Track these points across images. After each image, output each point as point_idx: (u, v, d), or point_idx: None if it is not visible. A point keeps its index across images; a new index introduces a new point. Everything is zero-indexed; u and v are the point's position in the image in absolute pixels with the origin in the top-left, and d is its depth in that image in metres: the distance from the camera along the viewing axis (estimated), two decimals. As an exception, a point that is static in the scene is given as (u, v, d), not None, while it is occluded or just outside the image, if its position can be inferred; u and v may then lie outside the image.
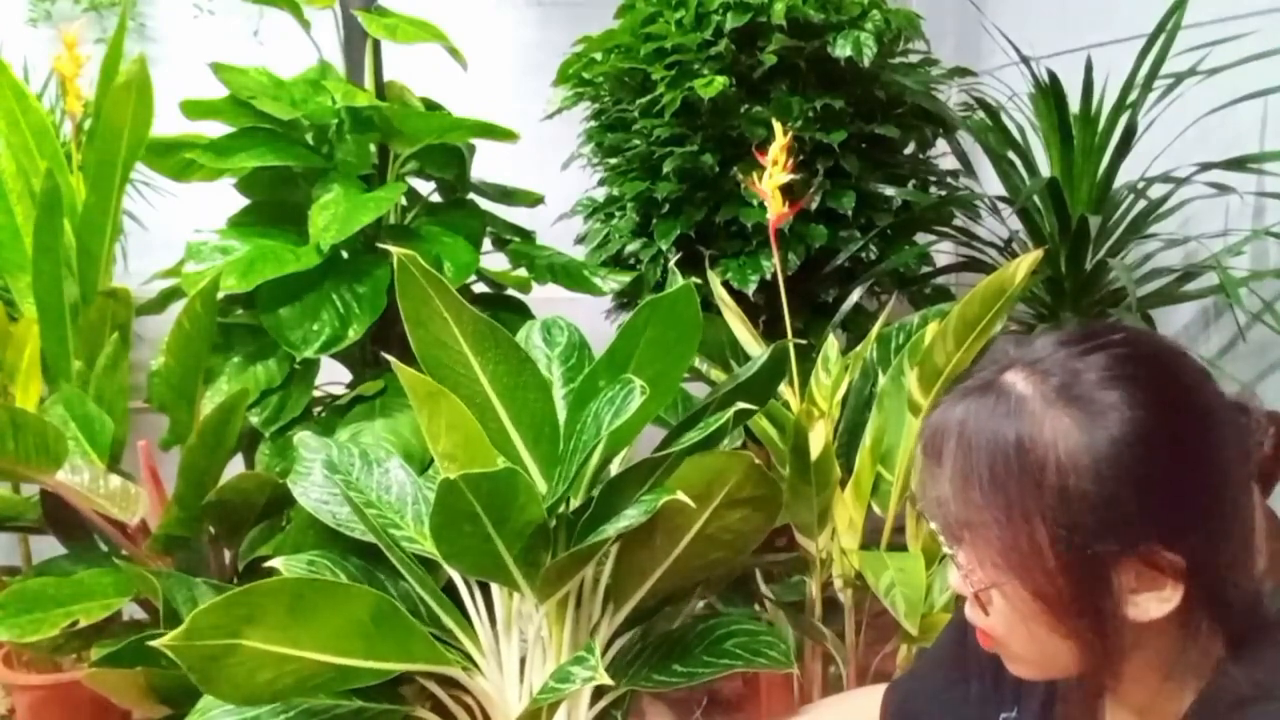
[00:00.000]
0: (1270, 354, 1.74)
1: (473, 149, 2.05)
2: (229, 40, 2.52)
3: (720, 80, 1.86)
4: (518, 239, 2.07)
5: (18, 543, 2.04)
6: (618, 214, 2.18)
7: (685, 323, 1.33)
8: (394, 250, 1.30)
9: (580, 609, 1.38)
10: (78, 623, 1.53)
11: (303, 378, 1.81)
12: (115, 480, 1.64)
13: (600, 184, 2.26)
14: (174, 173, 1.92)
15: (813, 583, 1.55)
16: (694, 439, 1.27)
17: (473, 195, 2.05)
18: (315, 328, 1.73)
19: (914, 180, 2.09)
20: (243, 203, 1.92)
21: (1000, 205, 1.96)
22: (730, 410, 1.26)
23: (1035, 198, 1.87)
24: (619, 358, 1.36)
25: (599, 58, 2.09)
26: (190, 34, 2.60)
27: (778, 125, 1.50)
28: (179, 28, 2.63)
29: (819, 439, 1.38)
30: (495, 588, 1.41)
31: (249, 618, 1.11)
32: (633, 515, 1.20)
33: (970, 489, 0.70)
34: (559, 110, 2.19)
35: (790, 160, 1.49)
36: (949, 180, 2.18)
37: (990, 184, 2.06)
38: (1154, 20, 1.73)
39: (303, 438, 1.55)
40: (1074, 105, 1.84)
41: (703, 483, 1.25)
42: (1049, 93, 1.82)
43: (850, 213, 1.95)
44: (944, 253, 2.31)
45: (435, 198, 2.07)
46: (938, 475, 0.72)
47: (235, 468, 1.69)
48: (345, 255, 1.86)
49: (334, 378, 1.98)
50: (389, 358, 1.35)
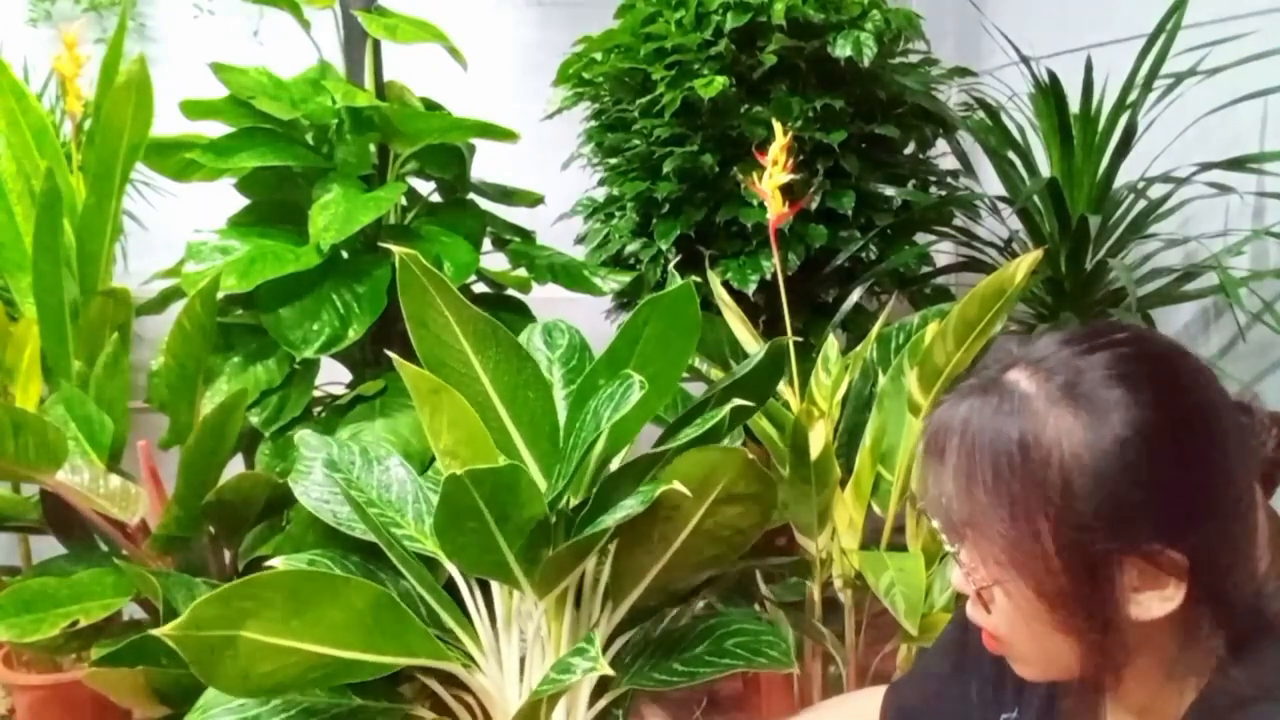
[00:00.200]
0: (1270, 354, 1.74)
1: (473, 149, 2.05)
2: (229, 40, 2.52)
3: (720, 80, 1.86)
4: (518, 239, 2.07)
5: (18, 543, 2.04)
6: (618, 214, 2.18)
7: (685, 321, 1.33)
8: (396, 249, 1.31)
9: (580, 608, 1.38)
10: (78, 623, 1.53)
11: (303, 378, 1.82)
12: (115, 480, 1.64)
13: (600, 184, 2.26)
14: (174, 173, 1.92)
15: (813, 583, 1.55)
16: (691, 434, 1.27)
17: (473, 195, 2.05)
18: (315, 328, 1.73)
19: (914, 180, 2.09)
20: (243, 203, 1.92)
21: (1000, 205, 1.96)
22: (727, 406, 1.26)
23: (1035, 198, 1.88)
24: (619, 357, 1.36)
25: (599, 58, 2.09)
26: (190, 34, 2.60)
27: (778, 125, 1.50)
28: (179, 28, 2.63)
29: (819, 439, 1.38)
30: (495, 586, 1.42)
31: (249, 610, 1.12)
32: (630, 505, 1.20)
33: (974, 487, 0.70)
34: (559, 110, 2.19)
35: (790, 160, 1.49)
36: (949, 180, 2.18)
37: (990, 184, 2.06)
38: (1154, 20, 1.73)
39: (303, 436, 1.55)
40: (1074, 105, 1.84)
41: (699, 478, 1.25)
42: (1049, 93, 1.82)
43: (850, 213, 1.95)
44: (944, 253, 2.31)
45: (435, 198, 2.07)
46: (940, 474, 0.72)
47: (235, 468, 1.69)
48: (345, 255, 1.86)
49: (334, 378, 1.98)
50: (391, 355, 1.35)
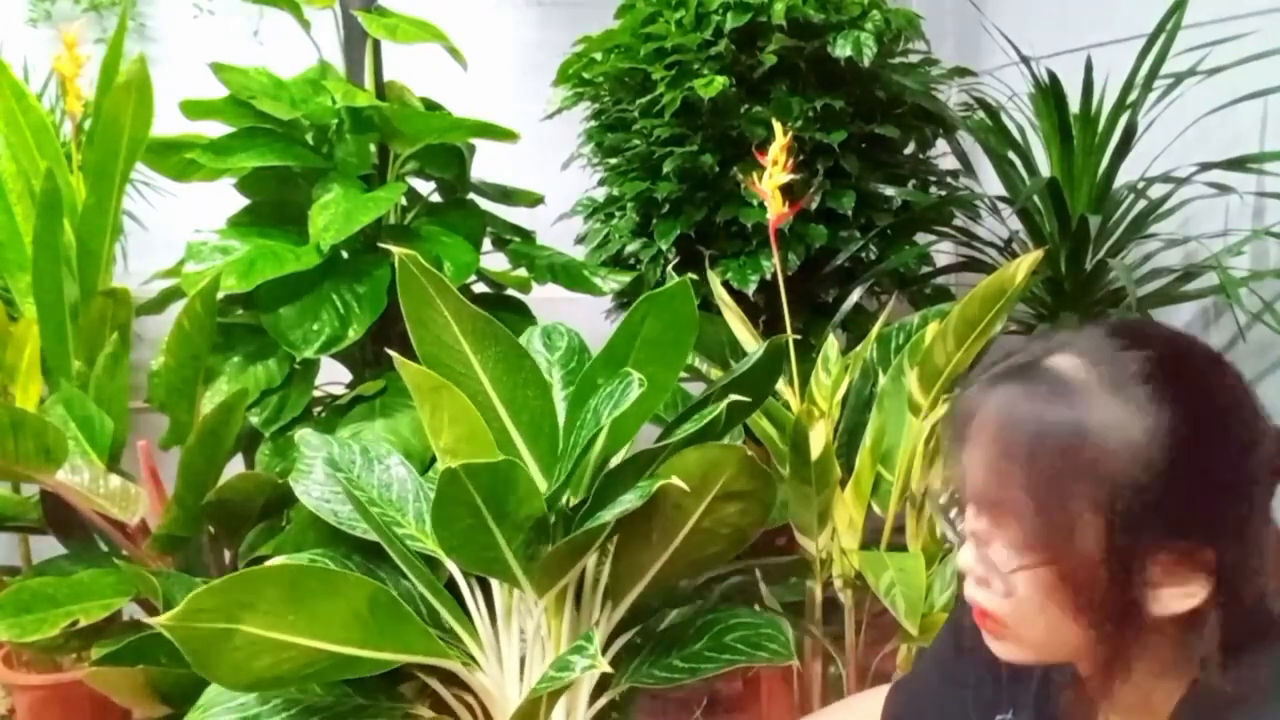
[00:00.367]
0: (1270, 354, 1.74)
1: (473, 149, 2.05)
2: (229, 40, 2.52)
3: (720, 80, 1.86)
4: (518, 239, 2.07)
5: (18, 543, 2.04)
6: (618, 214, 2.18)
7: (682, 318, 1.33)
8: (395, 250, 1.31)
9: (580, 607, 1.38)
10: (78, 623, 1.52)
11: (303, 378, 1.82)
12: (115, 480, 1.64)
13: (600, 184, 2.26)
14: (174, 173, 1.92)
15: (813, 583, 1.55)
16: (688, 430, 1.27)
17: (473, 195, 2.05)
18: (315, 328, 1.73)
19: (914, 180, 2.09)
20: (243, 203, 1.92)
21: (1000, 205, 1.96)
22: (724, 402, 1.26)
23: (1035, 198, 1.87)
24: (617, 355, 1.36)
25: (599, 58, 2.09)
26: (190, 34, 2.60)
27: (778, 125, 1.50)
28: (179, 28, 2.63)
29: (819, 439, 1.38)
30: (495, 585, 1.42)
31: (247, 603, 1.11)
32: (628, 500, 1.20)
33: (1011, 469, 0.69)
34: (559, 110, 2.19)
35: (790, 160, 1.49)
36: (949, 180, 2.18)
37: (990, 184, 2.06)
38: (1154, 20, 1.73)
39: (304, 435, 1.55)
40: (1074, 105, 1.84)
41: (697, 475, 1.25)
42: (1049, 93, 1.82)
43: (850, 213, 1.95)
44: (944, 253, 2.31)
45: (435, 198, 2.07)
46: (971, 456, 0.72)
47: (235, 468, 1.70)
48: (345, 255, 1.86)
49: (334, 378, 1.98)
50: (392, 353, 1.35)
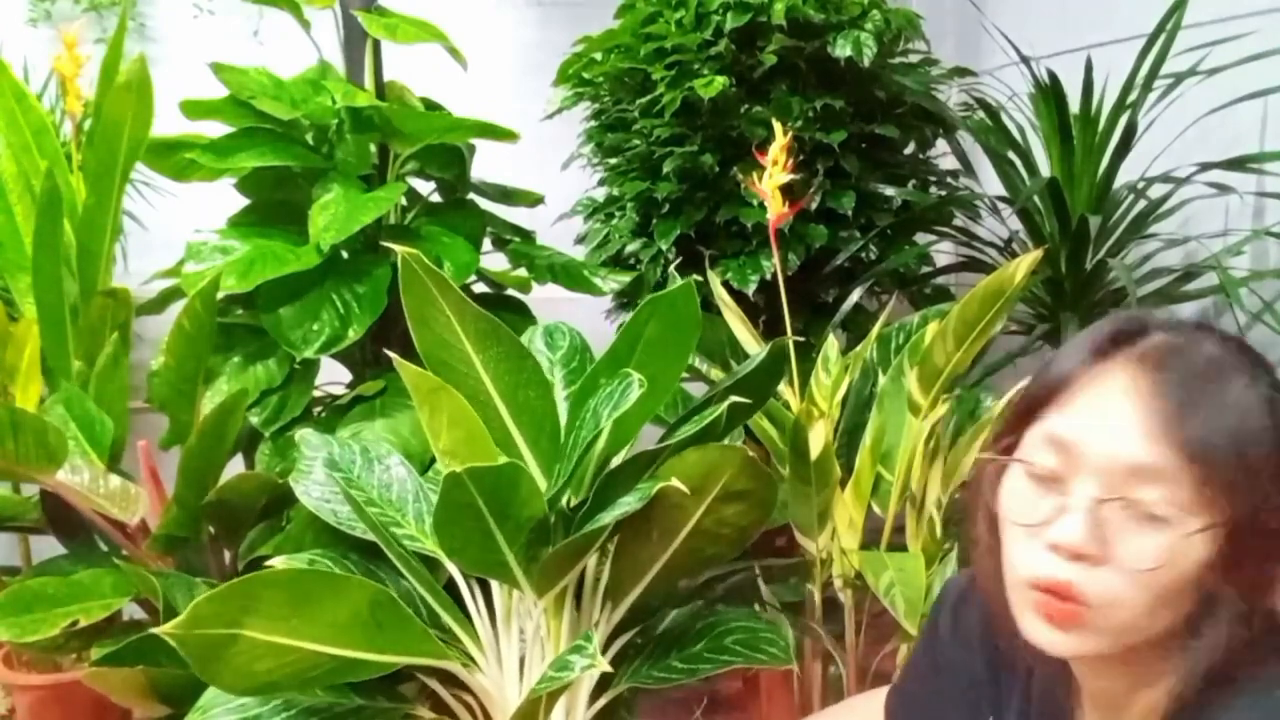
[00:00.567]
0: (1270, 354, 1.73)
1: (473, 149, 2.05)
2: (229, 40, 2.52)
3: (720, 80, 1.86)
4: (518, 239, 2.07)
5: (18, 543, 2.04)
6: (618, 214, 2.18)
7: (685, 320, 1.33)
8: (398, 249, 1.31)
9: (580, 607, 1.38)
10: (78, 623, 1.52)
11: (303, 378, 1.81)
12: (115, 480, 1.64)
13: (600, 184, 2.26)
14: (174, 173, 1.92)
15: (813, 583, 1.55)
16: (688, 431, 1.27)
17: (473, 195, 2.05)
18: (315, 328, 1.73)
19: (914, 180, 2.09)
20: (243, 203, 1.92)
21: (1000, 205, 1.96)
22: (725, 403, 1.26)
23: (1035, 198, 1.88)
24: (620, 356, 1.36)
25: (599, 58, 2.09)
26: (190, 34, 2.60)
27: (778, 125, 1.50)
28: (179, 28, 2.62)
29: (819, 439, 1.38)
30: (495, 586, 1.41)
31: (249, 607, 1.11)
32: (628, 502, 1.20)
33: (1194, 428, 0.70)
34: (559, 110, 2.19)
35: (790, 160, 1.49)
36: (949, 180, 2.18)
37: (990, 184, 2.06)
38: (1154, 20, 1.73)
39: (304, 435, 1.55)
40: (1074, 105, 1.84)
41: (698, 476, 1.25)
42: (1049, 93, 1.82)
43: (850, 213, 1.95)
44: (944, 253, 2.31)
45: (435, 198, 2.07)
46: (1116, 423, 0.71)
47: (235, 468, 1.69)
48: (345, 255, 1.86)
49: (334, 378, 1.98)
50: (391, 354, 1.35)
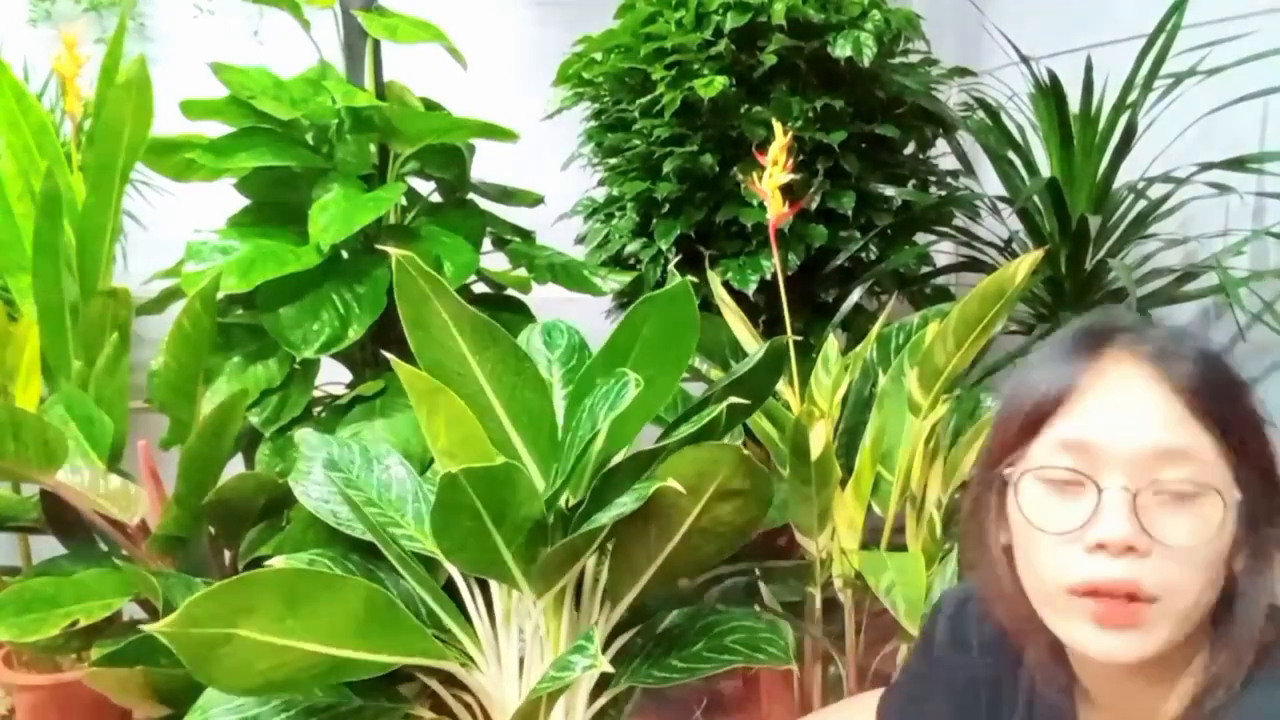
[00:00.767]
0: (1270, 354, 1.74)
1: (473, 149, 2.05)
2: (229, 40, 2.52)
3: (720, 80, 1.86)
4: (518, 239, 2.07)
5: (18, 543, 2.04)
6: (618, 214, 2.18)
7: (683, 320, 1.33)
8: (392, 251, 1.30)
9: (579, 607, 1.38)
10: (78, 623, 1.53)
11: (303, 378, 1.82)
12: (115, 480, 1.64)
13: (600, 184, 2.26)
14: (174, 173, 1.92)
15: (813, 584, 1.55)
16: (686, 431, 1.27)
17: (473, 195, 2.05)
18: (315, 328, 1.73)
19: (914, 180, 2.09)
20: (243, 203, 1.92)
21: (1000, 205, 1.96)
22: (723, 403, 1.26)
23: (1035, 198, 1.87)
24: (617, 355, 1.36)
25: (599, 58, 2.09)
26: (190, 34, 2.60)
27: (778, 125, 1.50)
28: (179, 28, 2.62)
29: (819, 439, 1.38)
30: (494, 586, 1.42)
31: (245, 607, 1.11)
32: (626, 502, 1.20)
33: (1213, 405, 0.74)
34: (559, 110, 2.19)
35: (790, 160, 1.49)
36: (949, 180, 2.18)
37: (990, 184, 2.05)
38: (1154, 20, 1.73)
39: (304, 435, 1.55)
40: (1074, 105, 1.84)
41: (694, 475, 1.25)
42: (1049, 93, 1.82)
43: (850, 213, 1.95)
44: (944, 253, 2.31)
45: (435, 198, 2.07)
46: (1134, 416, 0.74)
47: (235, 468, 1.70)
48: (345, 255, 1.86)
49: (334, 378, 1.98)
50: (389, 356, 1.35)
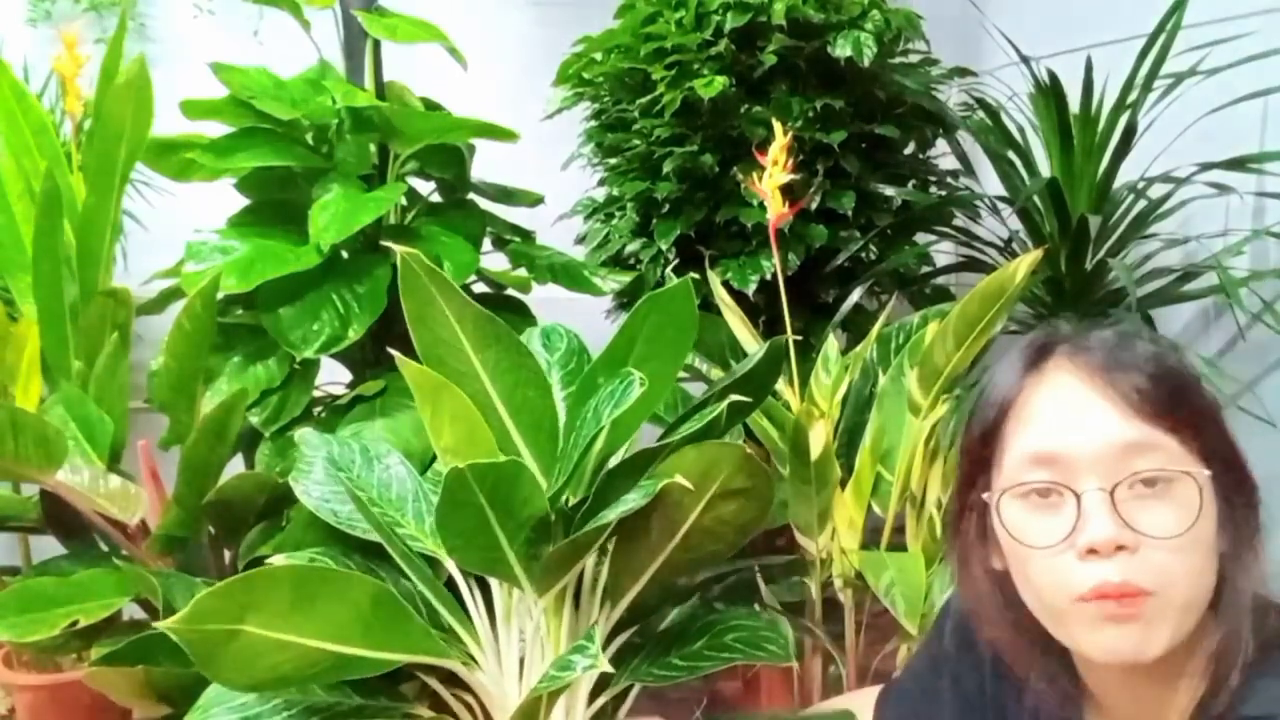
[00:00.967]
0: (1270, 354, 1.74)
1: (473, 149, 2.05)
2: (229, 40, 2.52)
3: (720, 80, 1.86)
4: (518, 239, 2.07)
5: (18, 543, 2.04)
6: (618, 214, 2.18)
7: (682, 319, 1.33)
8: (398, 249, 1.31)
9: (579, 606, 1.38)
10: (78, 623, 1.52)
11: (303, 378, 1.82)
12: (115, 480, 1.64)
13: (600, 184, 2.26)
14: (174, 173, 1.92)
15: (813, 583, 1.55)
16: (689, 429, 1.27)
17: (473, 195, 2.05)
18: (315, 328, 1.73)
19: (914, 180, 2.09)
20: (243, 203, 1.92)
21: (1000, 205, 1.96)
22: (724, 402, 1.26)
23: (1035, 198, 1.87)
24: (618, 354, 1.36)
25: (599, 58, 2.09)
26: (190, 34, 2.60)
27: (778, 125, 1.50)
28: (179, 28, 2.62)
29: (819, 439, 1.39)
30: (494, 585, 1.42)
31: (251, 603, 1.12)
32: (631, 500, 1.20)
33: (1166, 388, 0.78)
34: (559, 110, 2.19)
35: (790, 160, 1.50)
36: (949, 180, 2.18)
37: (990, 184, 2.05)
38: (1154, 20, 1.73)
39: (304, 434, 1.55)
40: (1074, 105, 1.84)
41: (696, 473, 1.25)
42: (1049, 93, 1.82)
43: (850, 213, 1.95)
44: (944, 253, 2.31)
45: (435, 198, 2.07)
46: (1094, 417, 0.77)
47: (235, 468, 1.69)
48: (345, 255, 1.86)
49: (334, 378, 1.98)
50: (393, 352, 1.35)
